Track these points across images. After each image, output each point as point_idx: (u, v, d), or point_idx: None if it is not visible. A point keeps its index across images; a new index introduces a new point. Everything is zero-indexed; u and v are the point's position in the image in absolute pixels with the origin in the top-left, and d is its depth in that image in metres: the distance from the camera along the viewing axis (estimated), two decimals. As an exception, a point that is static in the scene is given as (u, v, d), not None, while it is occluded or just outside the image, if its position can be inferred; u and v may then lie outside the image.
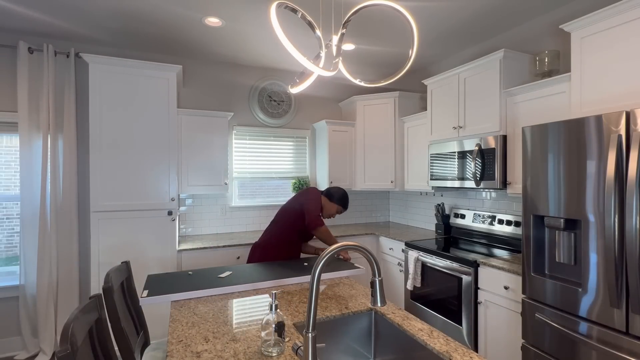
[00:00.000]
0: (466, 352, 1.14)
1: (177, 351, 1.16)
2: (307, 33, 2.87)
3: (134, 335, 1.61)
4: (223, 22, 2.65)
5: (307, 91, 4.01)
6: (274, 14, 1.29)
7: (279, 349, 1.14)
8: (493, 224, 2.90)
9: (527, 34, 2.74)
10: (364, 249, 1.03)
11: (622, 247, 1.47)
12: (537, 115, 2.31)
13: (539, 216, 1.84)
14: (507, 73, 2.52)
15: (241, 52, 3.30)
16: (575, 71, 1.98)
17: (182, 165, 3.08)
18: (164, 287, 1.73)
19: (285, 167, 3.92)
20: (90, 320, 1.19)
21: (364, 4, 1.46)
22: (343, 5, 2.38)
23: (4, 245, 2.97)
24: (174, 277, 1.90)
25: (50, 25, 2.71)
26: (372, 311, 1.54)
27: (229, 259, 2.99)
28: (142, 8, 2.45)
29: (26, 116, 2.77)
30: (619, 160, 1.47)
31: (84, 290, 3.04)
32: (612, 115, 1.50)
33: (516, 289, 2.12)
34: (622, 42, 1.76)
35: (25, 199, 2.77)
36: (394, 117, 3.66)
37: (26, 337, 2.81)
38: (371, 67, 3.76)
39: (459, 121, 2.88)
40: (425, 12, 2.54)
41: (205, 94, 3.53)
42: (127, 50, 3.21)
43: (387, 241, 3.42)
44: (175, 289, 1.70)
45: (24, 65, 2.77)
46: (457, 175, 2.85)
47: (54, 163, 2.85)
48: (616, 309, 1.49)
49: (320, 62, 1.61)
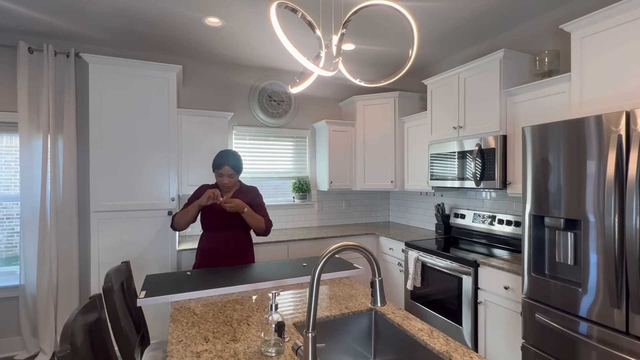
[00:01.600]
0: (466, 352, 1.14)
1: (177, 351, 1.16)
2: (307, 33, 2.87)
3: (133, 335, 1.61)
4: (223, 22, 2.65)
5: (307, 91, 4.01)
6: (274, 14, 1.29)
7: (279, 349, 1.14)
8: (493, 224, 2.90)
9: (527, 34, 2.74)
10: (364, 249, 1.03)
11: (622, 247, 1.47)
12: (537, 115, 2.31)
13: (539, 216, 1.84)
14: (507, 73, 2.52)
15: (241, 52, 3.30)
16: (575, 71, 1.98)
17: (182, 165, 3.08)
18: (162, 287, 1.72)
19: (285, 167, 3.92)
20: (90, 320, 1.19)
21: (364, 4, 1.46)
22: (343, 5, 2.38)
23: (4, 245, 2.97)
24: (172, 278, 1.89)
25: (50, 25, 2.71)
26: (372, 311, 1.54)
27: (229, 259, 2.99)
28: (142, 8, 2.45)
29: (26, 116, 2.77)
30: (619, 160, 1.47)
31: (84, 290, 3.04)
32: (612, 115, 1.50)
33: (516, 289, 2.12)
34: (622, 42, 1.76)
35: (25, 199, 2.77)
36: (394, 117, 3.66)
37: (26, 337, 2.81)
38: (371, 67, 3.76)
39: (459, 121, 2.88)
40: (425, 12, 2.54)
41: (205, 94, 3.53)
42: (127, 50, 3.21)
43: (387, 241, 3.42)
44: (174, 289, 1.69)
45: (24, 65, 2.77)
46: (457, 175, 2.85)
47: (54, 163, 2.85)
48: (616, 309, 1.49)
49: (320, 62, 1.61)
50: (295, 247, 3.24)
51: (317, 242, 3.33)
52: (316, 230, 3.69)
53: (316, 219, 4.04)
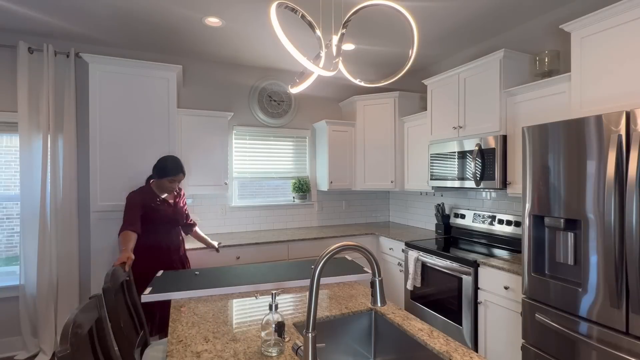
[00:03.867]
0: (466, 352, 1.14)
1: (177, 351, 1.16)
2: (307, 33, 2.87)
3: (133, 335, 1.61)
4: (223, 22, 2.65)
5: (307, 91, 4.01)
6: (274, 14, 1.29)
7: (279, 349, 1.14)
8: (493, 224, 2.90)
9: (527, 34, 2.74)
10: (364, 249, 1.03)
11: (622, 247, 1.47)
12: (537, 115, 2.31)
13: (539, 216, 1.84)
14: (507, 73, 2.52)
15: (241, 52, 3.30)
16: (575, 71, 1.98)
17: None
18: (168, 285, 1.74)
19: (285, 167, 3.92)
20: (90, 320, 1.19)
21: (364, 4, 1.46)
22: (343, 5, 2.38)
23: (4, 245, 2.97)
24: (180, 276, 1.91)
25: (50, 25, 2.71)
26: (372, 311, 1.54)
27: (229, 259, 2.99)
28: (142, 8, 2.45)
29: (26, 116, 2.77)
30: (619, 160, 1.47)
31: (84, 290, 3.04)
32: (612, 115, 1.50)
33: (516, 289, 2.12)
34: (622, 42, 1.76)
35: (25, 199, 2.77)
36: (394, 117, 3.66)
37: (26, 337, 2.81)
38: (371, 67, 3.76)
39: (459, 121, 2.88)
40: (425, 12, 2.54)
41: (205, 93, 3.53)
42: (127, 50, 3.21)
43: (387, 241, 3.42)
44: (179, 287, 1.71)
45: (24, 65, 2.77)
46: (457, 175, 2.85)
47: (54, 163, 2.85)
48: (616, 309, 1.49)
49: (320, 62, 1.61)
50: (296, 247, 3.24)
51: (317, 242, 3.33)
52: (316, 230, 3.69)
53: (316, 219, 4.04)
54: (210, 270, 2.03)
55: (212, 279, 1.87)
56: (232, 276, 1.91)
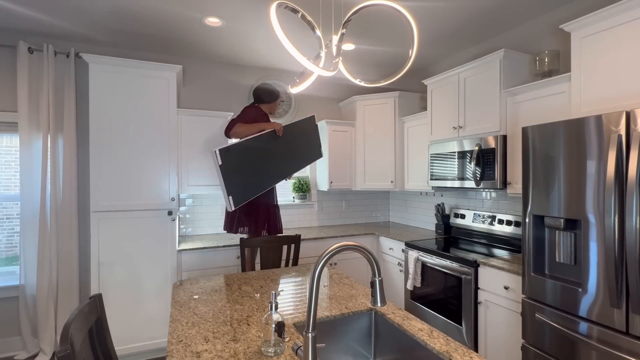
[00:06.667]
0: (466, 352, 1.14)
1: (177, 351, 1.16)
2: (307, 33, 2.87)
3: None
4: (223, 22, 2.65)
5: (307, 91, 4.01)
6: (274, 14, 1.29)
7: (279, 349, 1.14)
8: (493, 224, 2.90)
9: (527, 34, 2.74)
10: (364, 249, 1.03)
11: (622, 247, 1.47)
12: (537, 115, 2.31)
13: (539, 216, 1.84)
14: (507, 73, 2.52)
15: (241, 52, 3.30)
16: (575, 71, 1.98)
17: (182, 165, 3.08)
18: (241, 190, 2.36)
19: (285, 167, 3.91)
20: (90, 320, 1.19)
21: (364, 4, 1.46)
22: (343, 5, 2.38)
23: (4, 245, 2.97)
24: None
25: (50, 25, 2.71)
26: (372, 311, 1.54)
27: (229, 259, 2.99)
28: (142, 8, 2.45)
29: (26, 116, 2.77)
30: (619, 160, 1.47)
31: (84, 290, 3.04)
32: (612, 115, 1.50)
33: (516, 289, 2.12)
34: (623, 42, 1.76)
35: (25, 199, 2.77)
36: (394, 117, 3.66)
37: (26, 337, 2.81)
38: (371, 67, 3.76)
39: (459, 121, 2.88)
40: (425, 12, 2.54)
41: (205, 93, 3.53)
42: (127, 50, 3.21)
43: (387, 241, 3.42)
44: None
45: (24, 65, 2.77)
46: (457, 175, 2.85)
47: (54, 163, 2.85)
48: (616, 309, 1.49)
49: (320, 62, 1.61)
50: (295, 247, 3.23)
51: (317, 242, 3.33)
52: (316, 230, 3.69)
53: (316, 219, 4.04)
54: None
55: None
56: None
